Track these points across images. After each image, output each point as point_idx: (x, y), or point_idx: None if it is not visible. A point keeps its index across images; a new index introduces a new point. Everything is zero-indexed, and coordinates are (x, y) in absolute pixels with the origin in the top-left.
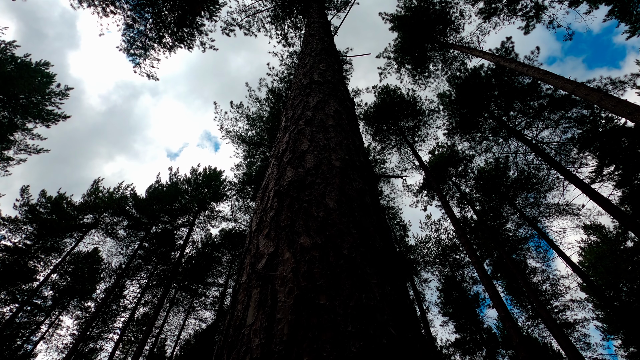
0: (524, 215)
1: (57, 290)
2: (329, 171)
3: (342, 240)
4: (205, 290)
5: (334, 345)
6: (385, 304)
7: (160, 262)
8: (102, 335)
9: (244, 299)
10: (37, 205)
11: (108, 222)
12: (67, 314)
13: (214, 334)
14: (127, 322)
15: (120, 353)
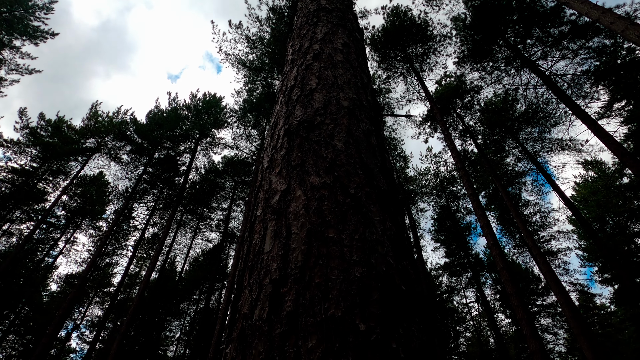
0: (526, 150)
1: (68, 211)
2: (337, 111)
3: (349, 181)
4: (210, 213)
5: (341, 270)
6: (385, 238)
7: (165, 187)
8: (116, 252)
9: (260, 229)
10: (37, 128)
11: (111, 147)
12: (81, 232)
13: (220, 253)
14: (138, 240)
15: (135, 267)
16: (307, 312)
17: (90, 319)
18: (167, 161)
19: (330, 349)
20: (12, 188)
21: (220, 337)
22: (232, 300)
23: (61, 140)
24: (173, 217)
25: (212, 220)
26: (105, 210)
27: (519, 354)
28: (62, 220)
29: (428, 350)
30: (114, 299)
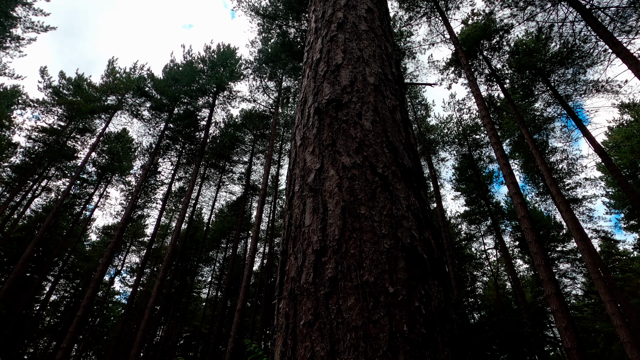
0: (557, 93)
1: (98, 167)
2: (364, 89)
3: (377, 160)
4: (232, 167)
5: (372, 243)
6: (410, 213)
7: (187, 142)
8: (146, 205)
9: (299, 204)
10: (59, 87)
11: (131, 104)
12: (112, 187)
13: (244, 205)
14: (166, 194)
15: (165, 219)
16: (345, 278)
17: (129, 266)
18: (186, 116)
19: (366, 307)
20: (45, 147)
21: (249, 281)
22: (279, 264)
23: (83, 99)
24: (197, 171)
25: (234, 173)
26: (132, 166)
27: (535, 297)
28: (94, 176)
29: (444, 307)
30: (149, 248)
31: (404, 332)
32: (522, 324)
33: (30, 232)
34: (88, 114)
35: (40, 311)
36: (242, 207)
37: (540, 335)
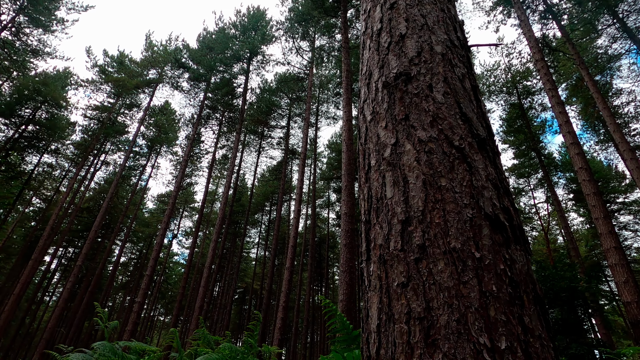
0: (625, 26)
1: (148, 140)
2: (432, 59)
3: (452, 133)
4: (270, 132)
5: (455, 212)
6: (489, 183)
7: (226, 110)
8: (194, 173)
9: (378, 178)
10: (105, 65)
11: (171, 76)
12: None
13: (285, 168)
14: (211, 162)
15: (212, 185)
16: (432, 245)
17: (184, 230)
18: (223, 85)
19: (455, 270)
20: (99, 123)
21: (296, 241)
22: (363, 233)
23: (127, 75)
24: (238, 138)
25: (272, 138)
26: (177, 137)
27: (590, 250)
28: (145, 148)
29: (527, 269)
30: (200, 213)
31: (492, 291)
32: (575, 278)
33: (96, 202)
34: (133, 90)
35: (114, 271)
36: (283, 171)
37: (595, 289)
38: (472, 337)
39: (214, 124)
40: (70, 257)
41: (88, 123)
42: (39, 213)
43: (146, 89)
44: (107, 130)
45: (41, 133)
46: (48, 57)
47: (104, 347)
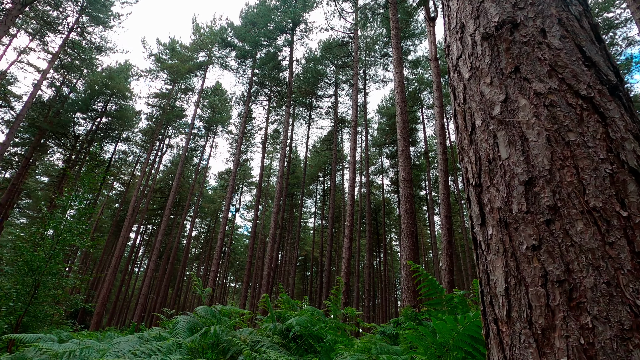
0: None
1: (204, 121)
2: (540, 0)
3: (577, 81)
4: (318, 102)
5: (591, 169)
6: (629, 134)
7: (273, 85)
8: (249, 150)
9: (487, 138)
10: (159, 53)
11: (219, 57)
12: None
13: (336, 137)
14: (264, 137)
15: (267, 160)
16: (566, 205)
17: (244, 203)
18: (269, 59)
19: (598, 231)
20: (160, 110)
21: (353, 209)
22: (473, 196)
23: (180, 60)
24: (287, 111)
25: (321, 108)
26: (230, 116)
27: None
28: (202, 130)
29: None
30: (259, 187)
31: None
32: None
33: (166, 183)
34: (186, 74)
35: (187, 244)
36: (334, 140)
37: None
38: (627, 299)
39: (264, 100)
40: (150, 233)
41: (151, 110)
42: (120, 196)
43: (198, 72)
44: (168, 115)
45: (113, 123)
46: (110, 52)
47: (205, 310)
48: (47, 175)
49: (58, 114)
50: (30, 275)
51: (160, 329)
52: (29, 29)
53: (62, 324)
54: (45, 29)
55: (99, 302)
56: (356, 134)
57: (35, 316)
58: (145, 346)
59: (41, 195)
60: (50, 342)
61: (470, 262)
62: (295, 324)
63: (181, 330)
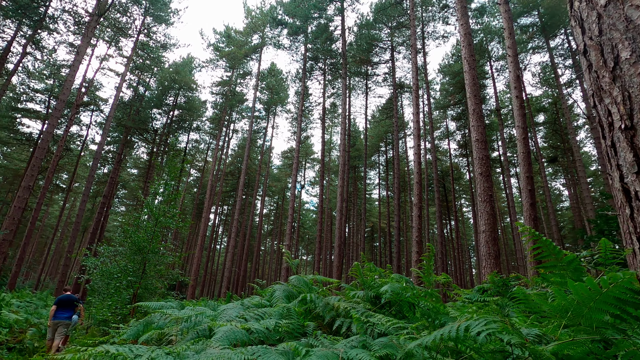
0: None
1: (263, 103)
2: None
3: None
4: (374, 69)
5: None
6: None
7: (327, 57)
8: (308, 127)
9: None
10: (217, 42)
11: (271, 37)
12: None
13: (396, 104)
14: (322, 113)
15: (326, 135)
16: None
17: (308, 180)
18: (320, 32)
19: None
20: (223, 97)
21: (420, 177)
22: (623, 141)
23: (236, 46)
24: (344, 83)
25: (377, 75)
26: (287, 96)
27: None
28: (262, 112)
29: None
30: (322, 162)
31: None
32: None
33: (235, 166)
34: (243, 59)
35: (260, 221)
36: (395, 107)
37: None
38: None
39: (319, 75)
40: (226, 213)
41: (215, 99)
42: (197, 181)
43: (253, 55)
44: (231, 101)
45: (184, 115)
46: (174, 47)
47: (298, 279)
48: (135, 168)
49: (138, 111)
50: (138, 254)
51: (258, 297)
52: (105, 37)
53: (166, 295)
54: (118, 35)
55: (192, 276)
56: (418, 98)
57: (146, 288)
58: (252, 312)
59: (133, 186)
60: (171, 309)
61: (556, 224)
62: (390, 290)
63: (279, 298)
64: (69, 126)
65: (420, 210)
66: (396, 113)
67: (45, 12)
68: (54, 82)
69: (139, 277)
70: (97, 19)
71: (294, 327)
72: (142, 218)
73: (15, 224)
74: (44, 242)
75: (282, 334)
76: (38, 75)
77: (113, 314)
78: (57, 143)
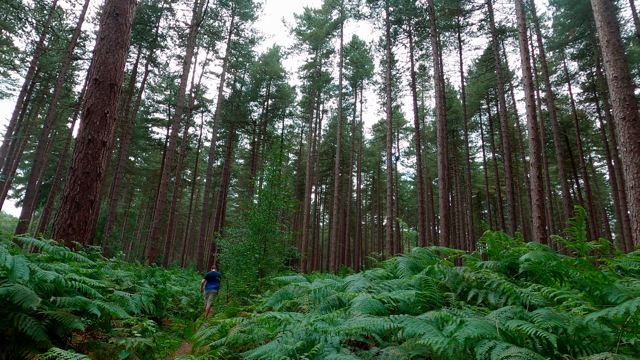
0: None
1: (349, 79)
2: None
3: None
4: (467, 19)
5: None
6: None
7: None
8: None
9: None
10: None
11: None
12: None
13: (497, 53)
14: (411, 78)
15: (418, 100)
16: None
17: (403, 150)
18: None
19: None
20: (310, 80)
21: (536, 133)
22: None
23: (316, 26)
24: (435, 40)
25: (471, 25)
26: (373, 67)
27: None
28: (349, 87)
29: None
30: (416, 130)
31: None
32: None
33: (329, 146)
34: (325, 37)
35: (358, 197)
36: (496, 58)
37: None
38: None
39: (404, 38)
40: (325, 192)
41: (303, 83)
42: (295, 164)
43: (334, 32)
44: (318, 82)
45: (277, 103)
46: (260, 40)
47: (421, 251)
48: (242, 158)
49: (238, 106)
50: (259, 234)
51: (381, 269)
52: (203, 44)
53: (285, 269)
54: (214, 39)
55: (302, 252)
56: (526, 41)
57: (268, 264)
58: (381, 284)
59: (242, 174)
60: (302, 282)
61: None
62: (532, 259)
63: (404, 270)
64: (187, 128)
65: (539, 170)
66: (498, 63)
67: (156, 32)
68: (170, 92)
69: (262, 254)
70: (196, 29)
71: (436, 297)
72: (254, 202)
73: (161, 215)
74: (181, 228)
75: (423, 304)
76: (158, 88)
77: (248, 286)
78: (180, 144)
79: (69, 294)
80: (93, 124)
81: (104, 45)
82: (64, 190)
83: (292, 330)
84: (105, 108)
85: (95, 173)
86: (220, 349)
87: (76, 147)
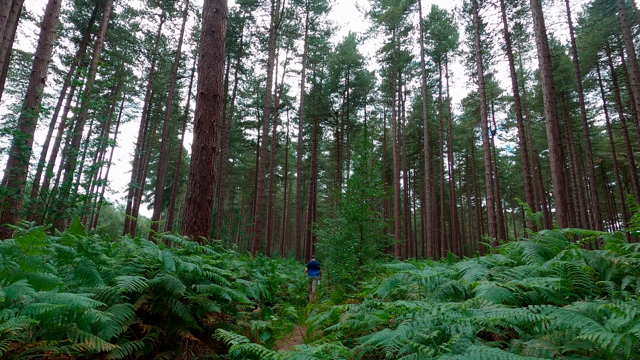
0: None
1: (431, 53)
2: None
3: None
4: None
5: None
6: None
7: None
8: (488, 62)
9: None
10: (372, 8)
11: None
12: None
13: None
14: (505, 39)
15: (515, 64)
16: None
17: (499, 123)
18: None
19: None
20: (390, 62)
21: None
22: None
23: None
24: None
25: None
26: (457, 35)
27: None
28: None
29: None
30: (516, 99)
31: None
32: None
33: (415, 128)
34: (402, 14)
35: (451, 179)
36: None
37: None
38: None
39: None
40: (413, 176)
41: (381, 66)
42: (380, 150)
43: (411, 6)
44: (398, 63)
45: (357, 91)
46: (336, 30)
47: (552, 234)
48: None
49: (320, 99)
50: (354, 223)
51: (501, 256)
52: (282, 44)
53: (381, 256)
54: (292, 37)
55: (396, 238)
56: None
57: (365, 251)
58: (504, 272)
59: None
60: (412, 269)
61: None
62: None
63: (531, 255)
64: (275, 127)
65: None
66: (621, 2)
67: (241, 41)
68: (257, 95)
69: (359, 241)
70: (275, 31)
71: (588, 286)
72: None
73: (261, 209)
74: (278, 220)
75: (570, 294)
76: (246, 92)
77: (351, 274)
78: (270, 142)
79: (202, 281)
80: (203, 133)
81: (205, 61)
82: (187, 192)
83: (413, 318)
84: (212, 117)
85: (210, 176)
86: (336, 332)
87: (192, 155)
